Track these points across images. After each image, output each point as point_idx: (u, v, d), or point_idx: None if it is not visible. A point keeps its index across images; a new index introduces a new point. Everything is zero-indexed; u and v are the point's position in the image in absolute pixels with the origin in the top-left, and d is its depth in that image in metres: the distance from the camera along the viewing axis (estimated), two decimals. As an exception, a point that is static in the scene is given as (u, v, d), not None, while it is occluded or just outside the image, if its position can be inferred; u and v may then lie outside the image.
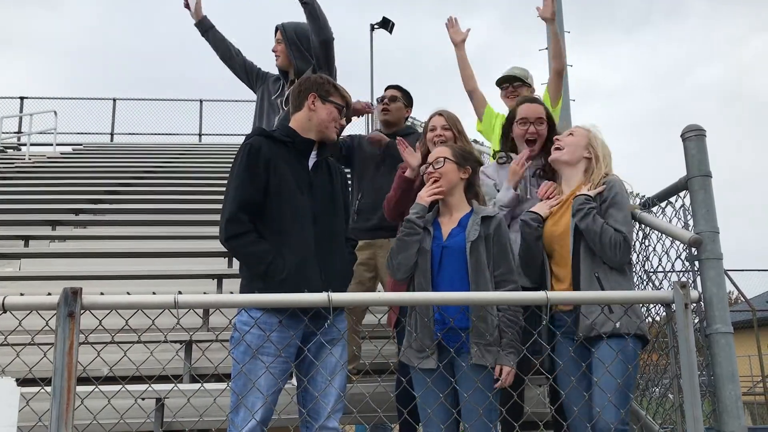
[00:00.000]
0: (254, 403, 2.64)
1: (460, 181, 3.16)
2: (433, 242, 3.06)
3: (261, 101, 4.52)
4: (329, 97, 3.06)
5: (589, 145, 3.23)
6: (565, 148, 3.23)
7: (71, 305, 2.30)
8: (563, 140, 3.25)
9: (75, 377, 2.25)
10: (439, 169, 3.13)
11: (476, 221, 3.02)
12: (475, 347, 2.86)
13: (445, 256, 3.01)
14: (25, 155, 14.30)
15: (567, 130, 3.33)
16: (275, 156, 2.92)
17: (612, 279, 2.94)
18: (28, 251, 7.03)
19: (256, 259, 2.79)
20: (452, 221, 3.11)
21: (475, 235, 2.97)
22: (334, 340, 2.85)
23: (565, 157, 3.23)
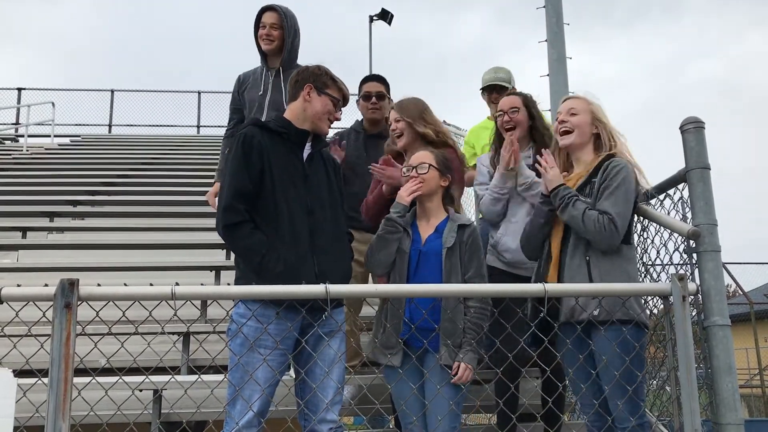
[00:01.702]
0: (251, 395, 2.64)
1: (439, 188, 3.23)
2: (412, 245, 3.13)
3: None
4: (325, 89, 3.04)
5: (595, 119, 3.15)
6: (575, 130, 3.13)
7: (68, 296, 2.29)
8: (570, 121, 3.14)
9: (72, 368, 2.25)
10: (422, 174, 3.19)
11: (453, 228, 3.12)
12: (444, 348, 2.94)
13: (422, 260, 3.09)
14: (22, 146, 14.27)
15: (565, 105, 3.20)
16: (269, 146, 2.91)
17: (605, 263, 2.90)
18: (25, 243, 7.03)
19: (251, 252, 2.78)
20: (430, 227, 3.19)
21: (452, 242, 3.07)
22: (332, 332, 2.85)
23: (577, 140, 3.14)
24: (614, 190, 2.93)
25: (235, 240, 2.83)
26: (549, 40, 9.74)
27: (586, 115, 3.14)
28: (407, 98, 3.80)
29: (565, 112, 3.17)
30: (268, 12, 4.31)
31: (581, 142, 3.14)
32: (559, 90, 8.59)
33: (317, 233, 2.90)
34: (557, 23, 10.05)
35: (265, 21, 4.31)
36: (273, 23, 4.30)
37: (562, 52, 9.80)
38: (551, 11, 10.75)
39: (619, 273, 2.87)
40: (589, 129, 3.14)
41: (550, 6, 11.08)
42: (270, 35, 4.29)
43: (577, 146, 3.15)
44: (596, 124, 3.14)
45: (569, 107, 3.18)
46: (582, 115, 3.14)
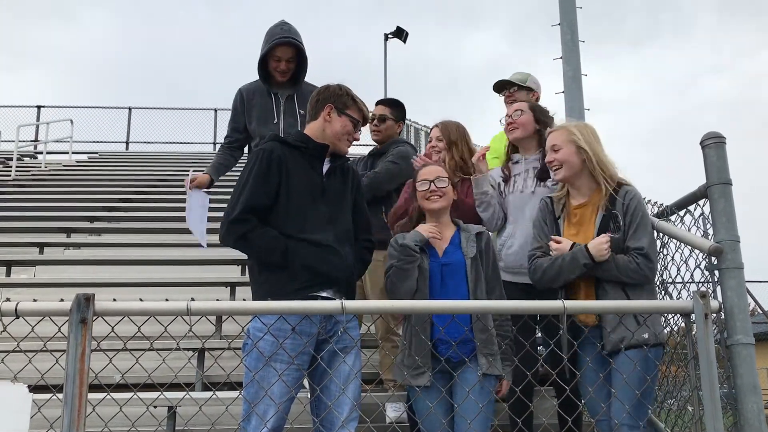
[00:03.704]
0: (266, 411, 2.61)
1: (451, 201, 3.25)
2: (430, 260, 3.08)
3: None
4: (346, 110, 3.04)
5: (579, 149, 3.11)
6: (562, 165, 3.14)
7: (84, 311, 2.28)
8: (555, 159, 3.15)
9: (87, 384, 2.24)
10: (442, 188, 3.18)
11: (470, 238, 3.12)
12: (483, 358, 2.91)
13: (446, 274, 3.06)
14: (41, 163, 14.42)
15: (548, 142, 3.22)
16: (290, 161, 2.92)
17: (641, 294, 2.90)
18: (42, 258, 7.07)
19: (270, 249, 2.81)
20: (444, 240, 3.16)
21: (473, 252, 3.07)
22: (347, 348, 2.82)
23: (568, 173, 3.14)
24: (641, 223, 2.94)
25: (251, 245, 2.85)
26: (564, 57, 9.69)
27: (569, 146, 3.13)
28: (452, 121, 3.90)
29: (549, 150, 3.20)
30: (284, 47, 4.10)
31: (574, 173, 3.14)
32: (575, 107, 8.54)
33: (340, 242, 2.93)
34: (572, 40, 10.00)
35: (281, 56, 4.12)
36: (290, 58, 4.14)
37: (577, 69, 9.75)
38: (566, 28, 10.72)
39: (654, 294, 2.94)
40: (577, 158, 3.12)
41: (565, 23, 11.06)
42: (286, 69, 4.15)
43: (571, 177, 3.15)
44: (580, 152, 3.11)
45: (551, 144, 3.20)
46: (565, 148, 3.14)
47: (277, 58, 4.12)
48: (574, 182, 3.15)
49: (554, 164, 3.16)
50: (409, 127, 12.73)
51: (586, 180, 3.13)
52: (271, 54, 4.11)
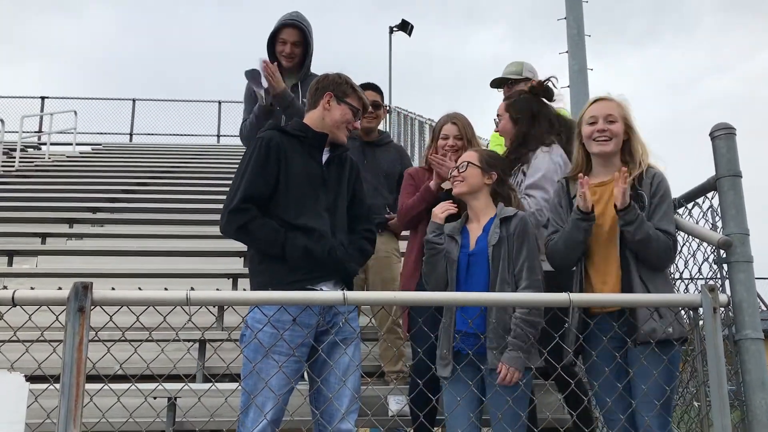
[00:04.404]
0: (265, 403, 2.58)
1: (484, 186, 3.11)
2: (461, 251, 3.02)
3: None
4: (345, 98, 3.01)
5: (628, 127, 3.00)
6: (613, 139, 2.97)
7: (81, 300, 2.25)
8: (610, 129, 2.97)
9: (84, 374, 2.20)
10: (462, 173, 3.10)
11: (497, 224, 2.98)
12: (490, 353, 2.82)
13: (472, 264, 2.98)
14: (45, 154, 14.40)
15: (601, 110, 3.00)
16: (289, 150, 2.89)
17: (658, 283, 2.81)
18: (44, 248, 7.05)
19: (270, 241, 2.78)
20: (479, 228, 3.06)
21: (496, 239, 2.93)
22: (347, 339, 2.79)
23: (614, 149, 2.99)
24: (668, 208, 2.85)
25: (251, 236, 2.82)
26: (570, 52, 9.66)
27: (622, 122, 3.00)
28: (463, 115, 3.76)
29: (602, 119, 2.99)
30: (290, 29, 4.06)
31: (616, 151, 3.01)
32: (580, 101, 8.49)
33: (336, 227, 2.91)
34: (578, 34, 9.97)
35: (286, 38, 4.07)
36: (296, 41, 4.08)
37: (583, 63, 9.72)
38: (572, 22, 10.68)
39: (670, 288, 2.83)
40: (623, 137, 3.01)
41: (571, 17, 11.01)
42: (292, 54, 4.09)
43: (612, 154, 3.02)
44: (628, 132, 3.01)
45: (606, 113, 2.99)
46: (619, 122, 2.99)
47: (283, 40, 4.09)
48: (611, 159, 3.02)
49: (605, 135, 2.98)
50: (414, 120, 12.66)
51: (617, 159, 3.02)
52: (278, 37, 4.09)
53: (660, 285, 2.81)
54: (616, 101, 3.05)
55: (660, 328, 2.68)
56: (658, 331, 2.69)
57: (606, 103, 3.04)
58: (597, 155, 3.03)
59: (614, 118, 2.99)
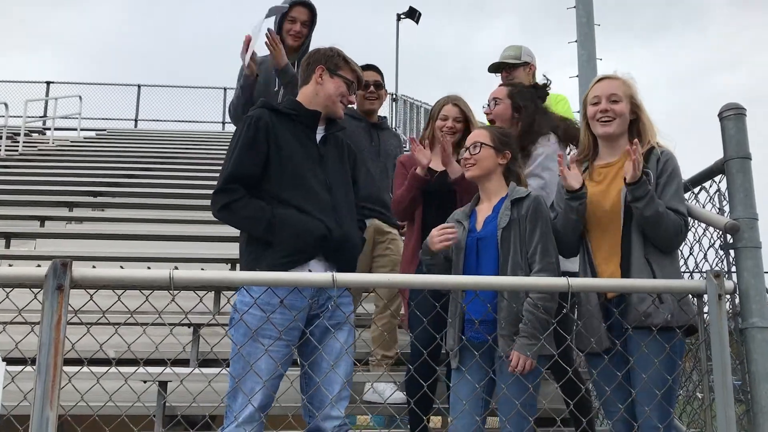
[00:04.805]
0: (253, 388, 2.49)
1: (497, 167, 2.97)
2: (468, 235, 2.89)
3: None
4: (338, 71, 2.90)
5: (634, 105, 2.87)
6: (617, 119, 2.85)
7: (60, 278, 2.17)
8: (613, 110, 2.84)
9: (62, 354, 2.13)
10: (475, 155, 2.95)
11: (507, 206, 2.84)
12: (501, 340, 2.70)
13: (481, 249, 2.84)
14: (49, 139, 14.35)
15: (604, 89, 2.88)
16: (279, 129, 2.79)
17: (664, 265, 2.67)
18: (43, 231, 6.99)
19: (254, 220, 2.67)
20: (489, 208, 2.93)
21: (506, 221, 2.79)
22: (339, 324, 2.70)
23: (618, 130, 2.87)
24: (678, 187, 2.71)
25: (234, 215, 2.71)
26: (579, 41, 9.53)
27: (627, 101, 2.87)
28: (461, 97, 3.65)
29: (605, 99, 2.87)
30: (300, 7, 4.00)
31: (621, 131, 2.88)
32: (589, 90, 8.28)
33: (338, 210, 2.79)
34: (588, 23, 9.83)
35: (297, 16, 4.00)
36: (305, 20, 4.01)
37: (592, 52, 9.58)
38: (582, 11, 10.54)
39: (677, 273, 2.70)
40: (628, 116, 2.88)
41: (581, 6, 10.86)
42: (300, 33, 4.01)
43: (617, 134, 2.89)
44: (635, 111, 2.88)
45: (610, 93, 2.87)
46: (623, 102, 2.86)
47: (293, 19, 4.00)
48: (617, 139, 2.89)
49: (608, 115, 2.86)
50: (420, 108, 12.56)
51: (624, 139, 2.88)
52: (287, 15, 4.00)
53: (668, 268, 2.68)
54: (620, 79, 2.93)
55: (659, 314, 2.56)
56: (654, 316, 2.56)
57: (610, 81, 2.92)
58: (601, 136, 2.92)
59: (618, 98, 2.86)
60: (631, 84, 2.91)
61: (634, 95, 2.89)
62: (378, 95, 4.26)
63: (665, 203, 2.65)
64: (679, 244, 2.75)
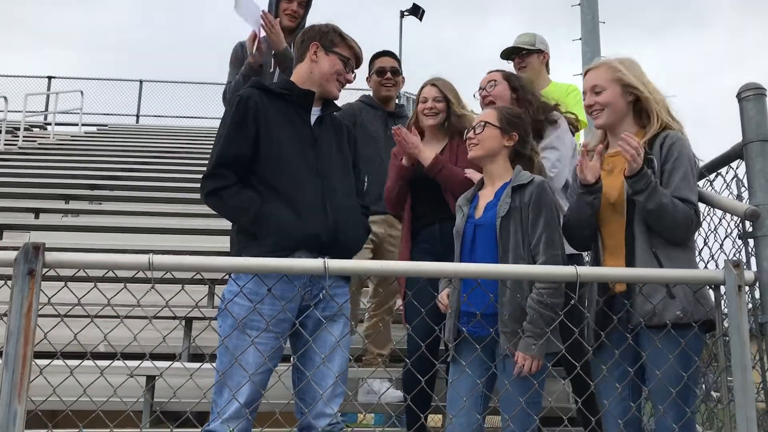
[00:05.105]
0: (239, 383, 2.34)
1: (503, 149, 2.79)
2: (466, 221, 2.73)
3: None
4: (333, 48, 2.73)
5: (626, 85, 2.68)
6: (605, 109, 2.70)
7: (32, 262, 2.03)
8: (597, 102, 2.71)
9: (32, 344, 1.98)
10: (478, 135, 2.78)
11: (508, 192, 2.66)
12: (503, 336, 2.54)
13: (479, 237, 2.67)
14: (50, 134, 14.23)
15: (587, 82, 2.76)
16: (270, 109, 2.64)
17: (674, 256, 2.50)
18: (37, 223, 6.87)
19: (240, 210, 2.53)
20: (491, 193, 2.76)
21: (505, 209, 2.62)
22: (333, 316, 2.54)
23: (611, 119, 2.70)
24: (686, 173, 2.52)
25: (221, 203, 2.56)
26: (583, 38, 9.45)
27: (614, 86, 2.69)
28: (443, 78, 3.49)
29: (590, 92, 2.73)
30: None
31: (617, 119, 2.70)
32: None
33: (330, 198, 2.61)
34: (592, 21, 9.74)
35: None
36: (302, 2, 3.83)
37: (596, 50, 9.47)
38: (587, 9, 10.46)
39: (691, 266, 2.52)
40: (622, 100, 2.69)
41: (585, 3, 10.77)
42: (296, 14, 3.81)
43: (613, 124, 2.72)
44: (631, 92, 2.69)
45: (592, 84, 2.72)
46: (609, 89, 2.69)
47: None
48: (616, 128, 2.72)
49: (595, 108, 2.71)
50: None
51: (628, 124, 2.71)
52: None
53: (679, 260, 2.50)
54: (604, 66, 2.76)
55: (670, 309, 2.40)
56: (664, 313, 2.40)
57: (591, 73, 2.77)
58: (601, 129, 2.78)
59: (600, 87, 2.70)
60: (617, 66, 2.73)
61: (624, 77, 2.69)
62: (395, 82, 4.10)
63: (672, 191, 2.48)
64: (689, 236, 2.58)
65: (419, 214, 3.37)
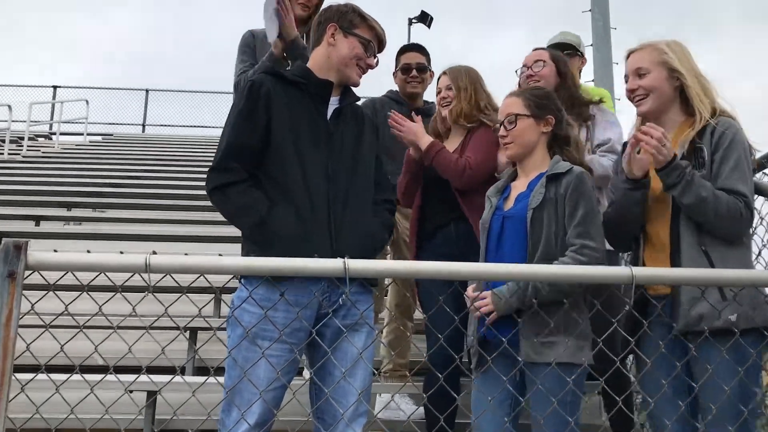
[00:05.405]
0: (249, 401, 2.06)
1: (541, 137, 2.52)
2: (494, 213, 2.47)
3: None
4: (353, 30, 2.46)
5: (672, 69, 2.45)
6: (649, 95, 2.46)
7: (12, 263, 1.77)
8: (641, 86, 2.47)
9: (12, 356, 1.72)
10: (511, 131, 2.50)
11: (543, 183, 2.39)
12: (524, 342, 2.27)
13: (507, 230, 2.42)
14: (54, 143, 14.08)
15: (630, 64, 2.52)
16: (283, 99, 2.37)
17: (727, 254, 2.25)
18: (38, 231, 6.69)
19: (244, 213, 2.26)
20: (524, 184, 2.50)
21: (538, 200, 2.35)
22: (356, 324, 2.26)
23: (655, 105, 2.46)
24: (737, 162, 2.28)
25: (227, 200, 2.30)
26: (595, 44, 9.43)
27: (660, 69, 2.46)
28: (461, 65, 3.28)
29: (632, 75, 2.49)
30: None
31: (662, 105, 2.47)
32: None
33: (338, 204, 2.34)
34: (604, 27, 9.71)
35: None
36: None
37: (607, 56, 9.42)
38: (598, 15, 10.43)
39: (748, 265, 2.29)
40: (668, 85, 2.46)
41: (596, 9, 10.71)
42: (309, 2, 3.52)
43: (658, 111, 2.47)
44: (676, 76, 2.45)
45: (635, 67, 2.49)
46: (655, 72, 2.46)
47: None
48: (660, 115, 2.47)
49: (638, 93, 2.47)
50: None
51: (674, 112, 2.48)
52: None
53: (732, 259, 2.25)
54: (650, 47, 2.52)
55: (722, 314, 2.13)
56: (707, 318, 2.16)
57: (635, 55, 2.53)
58: (644, 116, 2.52)
59: (645, 70, 2.47)
60: (664, 48, 2.49)
61: (671, 61, 2.46)
62: (422, 79, 3.83)
63: (721, 182, 2.27)
64: (740, 231, 2.33)
65: (433, 214, 3.16)
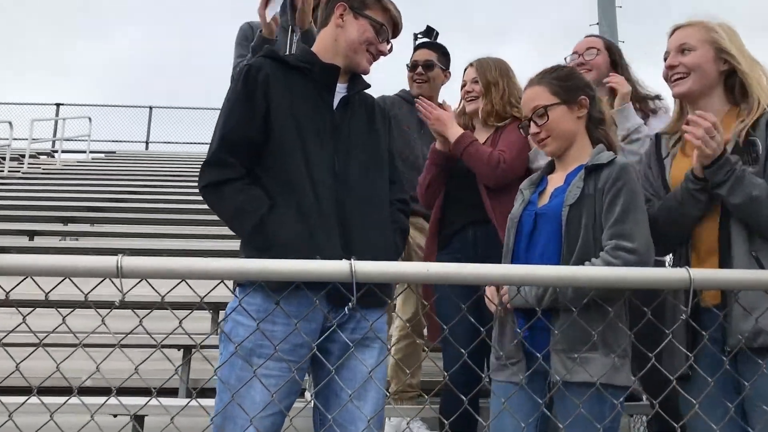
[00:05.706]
0: (243, 428, 1.79)
1: (578, 124, 2.23)
2: (525, 208, 2.21)
3: None
4: (364, 11, 2.20)
5: (722, 52, 2.19)
6: (690, 74, 2.21)
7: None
8: (683, 62, 2.21)
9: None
10: (544, 125, 2.21)
11: (581, 176, 2.12)
12: (555, 356, 1.98)
13: (539, 228, 2.14)
14: (56, 161, 13.92)
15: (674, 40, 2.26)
16: (284, 86, 2.12)
17: None
18: (32, 245, 6.52)
19: (242, 214, 2.00)
20: (561, 177, 2.22)
21: (575, 196, 2.08)
22: (366, 340, 1.99)
23: (696, 86, 2.21)
24: None
25: (221, 199, 2.05)
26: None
27: (707, 49, 2.20)
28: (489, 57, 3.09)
29: (674, 51, 2.23)
30: None
31: (703, 88, 2.21)
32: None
33: (348, 202, 2.08)
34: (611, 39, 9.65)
35: None
36: None
37: (616, 68, 9.32)
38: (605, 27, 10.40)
39: None
40: (714, 68, 2.20)
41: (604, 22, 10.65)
42: None
43: (697, 94, 2.22)
44: (725, 58, 2.19)
45: (680, 42, 2.23)
46: (700, 51, 2.20)
47: None
48: (700, 100, 2.21)
49: (678, 71, 2.20)
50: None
51: (718, 99, 2.21)
52: None
53: None
54: (699, 24, 2.25)
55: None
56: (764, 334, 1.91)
57: (681, 30, 2.27)
58: (677, 98, 2.30)
59: (690, 47, 2.21)
60: (715, 27, 2.23)
61: (721, 40, 2.20)
62: (428, 78, 3.55)
63: None
64: None
65: (449, 219, 2.95)
